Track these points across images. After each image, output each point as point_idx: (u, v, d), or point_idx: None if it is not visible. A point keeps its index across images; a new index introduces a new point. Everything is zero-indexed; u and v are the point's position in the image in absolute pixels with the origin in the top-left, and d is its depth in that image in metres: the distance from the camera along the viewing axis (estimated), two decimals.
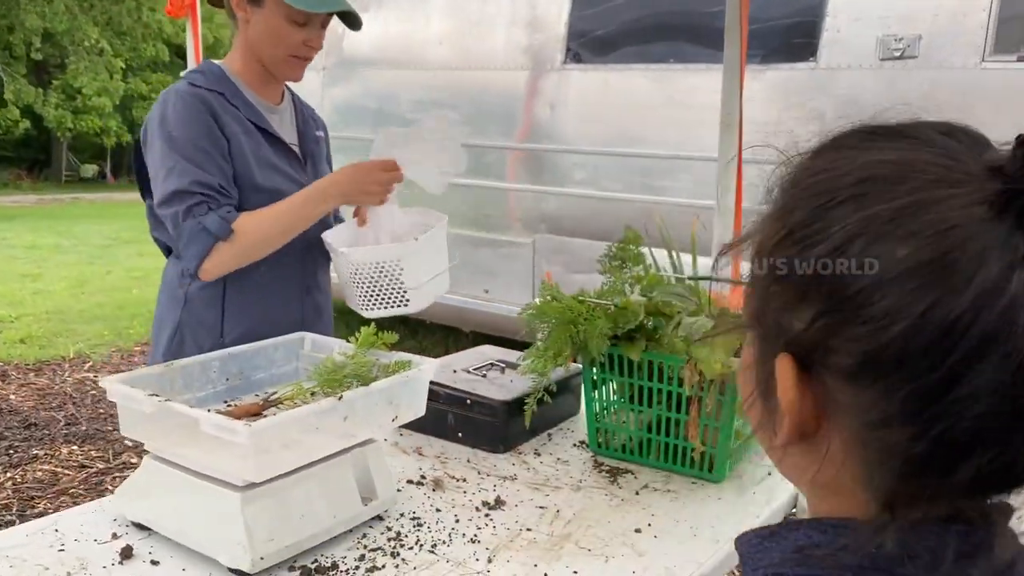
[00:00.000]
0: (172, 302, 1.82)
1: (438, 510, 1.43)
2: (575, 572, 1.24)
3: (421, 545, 1.31)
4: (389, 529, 1.36)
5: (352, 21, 1.84)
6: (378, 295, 1.75)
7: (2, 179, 21.04)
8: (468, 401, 1.68)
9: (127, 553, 1.23)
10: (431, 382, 1.48)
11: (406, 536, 1.34)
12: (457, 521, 1.39)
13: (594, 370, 1.66)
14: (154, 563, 1.22)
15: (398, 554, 1.28)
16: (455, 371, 1.82)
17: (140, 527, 1.31)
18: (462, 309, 4.66)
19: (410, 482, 1.54)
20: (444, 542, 1.32)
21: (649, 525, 1.39)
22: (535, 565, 1.26)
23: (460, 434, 1.70)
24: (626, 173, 4.11)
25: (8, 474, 3.64)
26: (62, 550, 1.25)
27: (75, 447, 3.94)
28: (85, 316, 6.56)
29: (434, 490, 1.50)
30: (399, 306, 1.75)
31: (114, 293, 7.53)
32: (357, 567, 1.24)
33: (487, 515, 1.42)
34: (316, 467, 1.29)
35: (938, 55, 3.17)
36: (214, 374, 1.46)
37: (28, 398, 4.58)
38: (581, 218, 4.26)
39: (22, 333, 5.89)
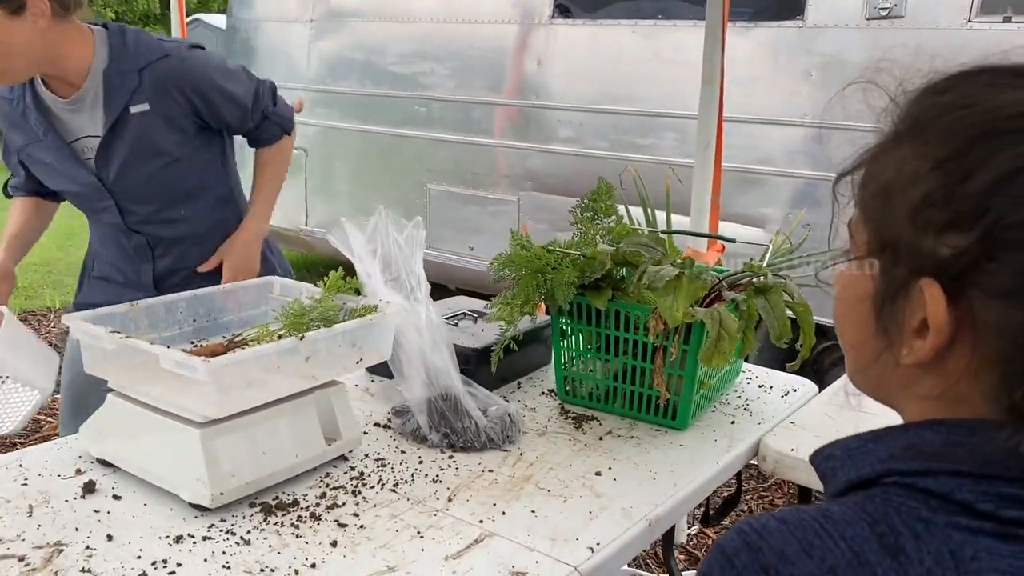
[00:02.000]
0: None
1: (403, 452, 1.45)
2: (532, 511, 1.26)
3: (383, 484, 1.33)
4: (352, 469, 1.38)
5: None
6: None
7: None
8: None
9: (90, 487, 1.25)
10: None
11: (368, 476, 1.36)
12: (420, 463, 1.41)
13: (562, 319, 1.67)
14: (116, 498, 1.24)
15: (359, 492, 1.30)
16: None
17: (104, 463, 1.32)
18: (447, 266, 4.66)
19: (377, 425, 1.56)
20: (406, 482, 1.34)
21: (610, 468, 1.41)
22: (494, 504, 1.28)
23: None
24: (612, 131, 4.09)
25: None
26: (25, 484, 1.26)
27: (58, 395, 3.95)
28: (72, 268, 6.53)
29: (400, 433, 1.52)
30: None
31: None
32: (318, 504, 1.26)
33: (451, 457, 1.44)
34: (279, 406, 1.30)
35: (924, 15, 3.15)
36: (180, 315, 1.47)
37: None
38: (567, 176, 4.24)
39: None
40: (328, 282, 1.49)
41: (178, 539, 1.15)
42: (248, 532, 1.17)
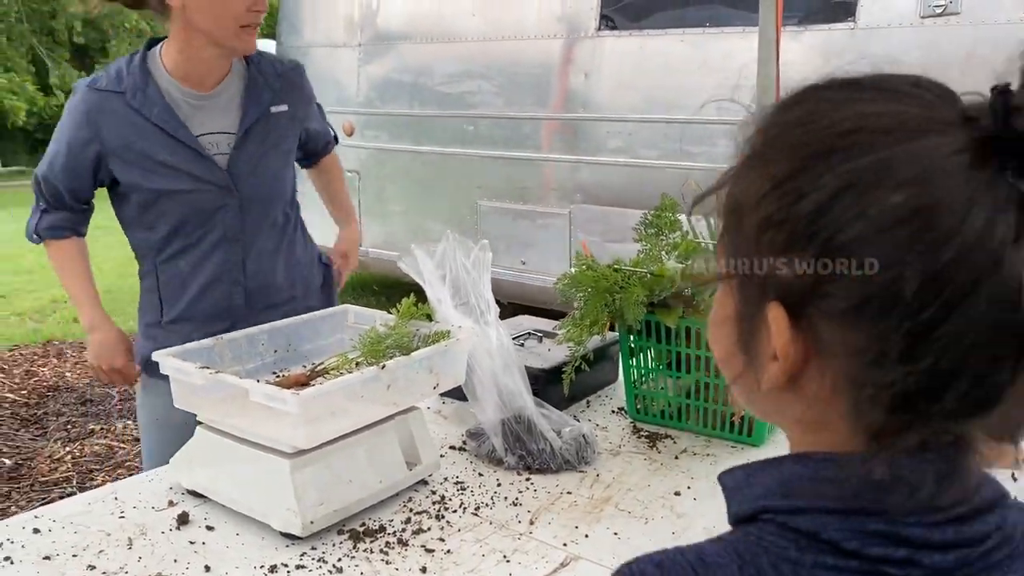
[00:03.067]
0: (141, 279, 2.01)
1: (480, 474, 1.47)
2: (615, 533, 1.27)
3: (465, 508, 1.35)
4: (433, 493, 1.40)
5: None
6: None
7: None
8: None
9: (184, 519, 1.29)
10: None
11: (450, 499, 1.38)
12: (499, 485, 1.43)
13: (631, 337, 1.68)
14: (209, 528, 1.28)
15: (442, 516, 1.32)
16: None
17: (195, 494, 1.36)
18: (499, 280, 4.65)
19: (452, 448, 1.58)
20: (487, 505, 1.36)
21: (688, 488, 1.41)
22: (576, 527, 1.29)
23: None
24: (662, 140, 4.09)
25: (67, 449, 3.77)
26: (123, 517, 1.31)
27: (129, 421, 4.06)
28: (134, 294, 6.66)
29: (476, 455, 1.54)
30: None
31: None
32: (404, 529, 1.28)
33: (528, 479, 1.45)
34: (362, 434, 1.33)
35: (981, 11, 3.10)
36: (262, 346, 1.51)
37: (83, 375, 4.73)
38: (617, 187, 4.24)
39: (75, 312, 6.04)
40: (401, 309, 1.52)
41: (272, 568, 1.18)
42: (339, 560, 1.20)
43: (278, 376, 1.48)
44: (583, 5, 4.32)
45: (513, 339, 1.90)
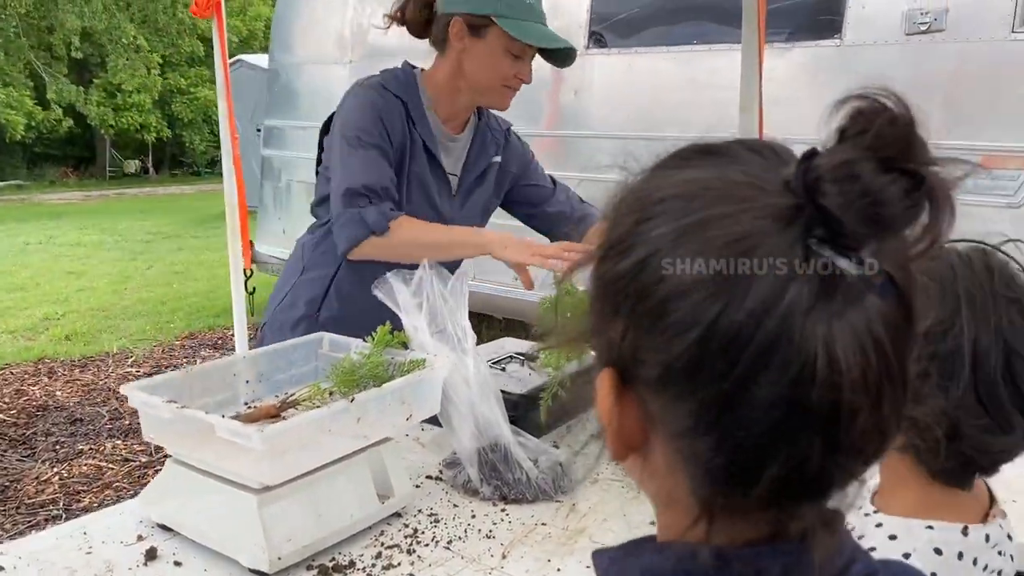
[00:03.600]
0: (292, 270, 2.04)
1: (455, 505, 1.46)
2: (587, 567, 1.25)
3: (437, 542, 1.33)
4: (406, 526, 1.38)
5: (564, 57, 1.88)
6: None
7: (50, 177, 21.54)
8: None
9: (152, 554, 1.28)
10: None
11: (423, 533, 1.36)
12: (473, 516, 1.42)
13: None
14: (177, 564, 1.26)
15: (414, 551, 1.30)
16: None
17: (164, 528, 1.35)
18: (493, 296, 4.68)
19: (429, 477, 1.57)
20: (460, 538, 1.34)
21: None
22: (548, 560, 1.27)
23: None
24: (653, 157, 4.08)
25: (55, 469, 3.75)
26: (89, 552, 1.29)
27: (119, 441, 4.05)
28: (128, 312, 6.71)
29: (452, 485, 1.52)
30: None
31: (155, 288, 7.69)
32: (374, 564, 1.26)
33: (503, 510, 1.44)
34: (332, 467, 1.32)
35: (966, 28, 3.10)
36: (234, 377, 1.50)
37: (74, 394, 4.72)
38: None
39: (67, 330, 6.05)
40: (376, 337, 1.51)
41: None
42: None
43: (249, 407, 1.47)
44: (572, 23, 4.33)
45: (495, 363, 1.89)
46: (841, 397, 0.45)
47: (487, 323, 5.46)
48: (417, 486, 1.51)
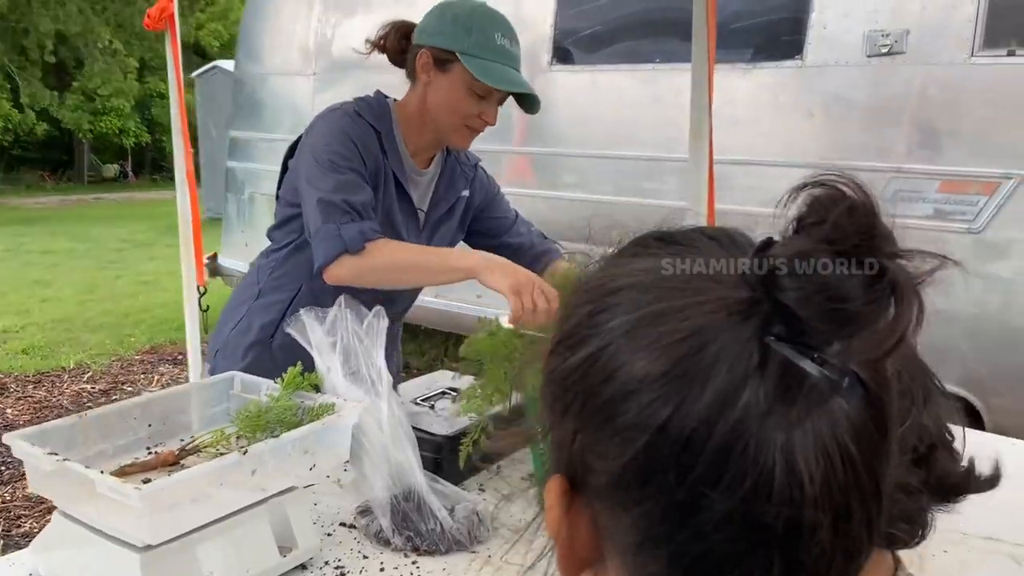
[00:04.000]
0: (247, 295, 1.99)
1: (365, 557, 1.39)
2: None
3: None
4: None
5: (530, 104, 1.85)
6: None
7: (26, 181, 21.32)
8: None
9: None
10: None
11: None
12: (382, 570, 1.35)
13: (537, 404, 1.60)
14: None
15: None
16: (402, 402, 1.78)
17: None
18: (456, 314, 4.62)
19: (343, 525, 1.50)
20: None
21: None
22: None
23: None
24: (617, 176, 4.04)
25: None
26: None
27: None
28: (90, 325, 6.60)
29: (364, 535, 1.46)
30: None
31: (121, 300, 7.58)
32: None
33: (415, 563, 1.37)
34: (227, 521, 1.25)
35: (926, 50, 3.07)
36: (134, 421, 1.42)
37: (24, 411, 4.61)
38: (571, 222, 4.18)
39: (25, 343, 5.94)
40: (285, 379, 1.44)
41: None
42: None
43: (150, 452, 1.40)
44: (536, 39, 4.28)
45: (424, 399, 1.83)
46: (802, 513, 0.40)
47: (455, 339, 5.41)
48: (329, 534, 1.45)
